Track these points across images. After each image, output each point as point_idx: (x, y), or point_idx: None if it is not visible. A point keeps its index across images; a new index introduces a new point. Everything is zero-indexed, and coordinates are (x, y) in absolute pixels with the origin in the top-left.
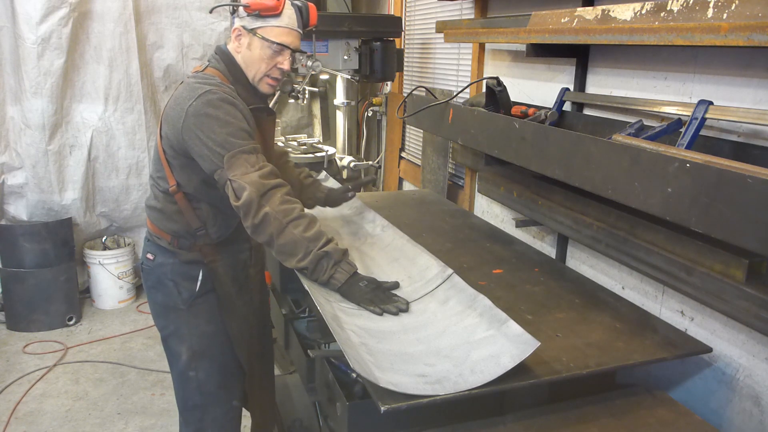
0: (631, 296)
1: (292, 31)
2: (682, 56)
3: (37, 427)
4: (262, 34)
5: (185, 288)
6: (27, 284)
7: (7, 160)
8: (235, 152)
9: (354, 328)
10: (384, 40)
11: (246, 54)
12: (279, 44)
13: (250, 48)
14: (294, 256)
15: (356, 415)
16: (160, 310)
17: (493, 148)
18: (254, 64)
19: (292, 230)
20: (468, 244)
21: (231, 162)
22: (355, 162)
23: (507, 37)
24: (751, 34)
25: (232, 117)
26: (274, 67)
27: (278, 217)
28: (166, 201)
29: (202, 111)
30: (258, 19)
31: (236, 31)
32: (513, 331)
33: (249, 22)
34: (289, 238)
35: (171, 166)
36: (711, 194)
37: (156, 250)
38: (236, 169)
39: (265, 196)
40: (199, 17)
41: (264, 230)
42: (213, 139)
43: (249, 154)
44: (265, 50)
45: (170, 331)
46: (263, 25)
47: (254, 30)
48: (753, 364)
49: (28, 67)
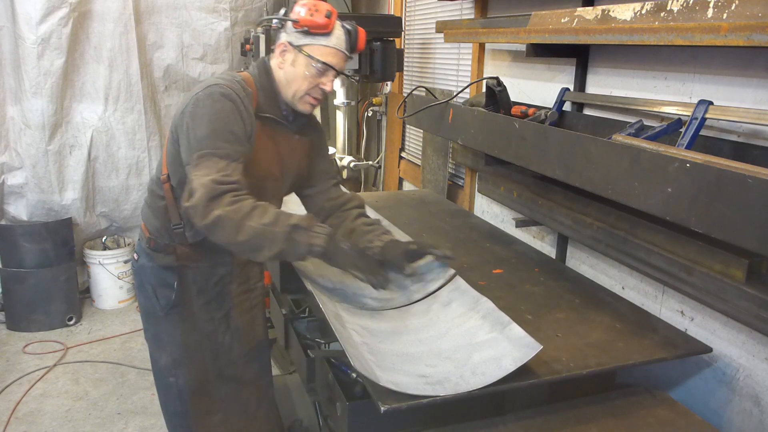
0: (631, 296)
1: (339, 53)
2: (682, 56)
3: (37, 427)
4: (308, 51)
5: (162, 295)
6: (27, 284)
7: (7, 160)
8: (206, 153)
9: (356, 327)
10: (384, 40)
11: (289, 70)
12: (325, 64)
13: (294, 65)
14: (263, 247)
15: (356, 415)
16: (143, 312)
17: (493, 148)
18: (296, 82)
19: (249, 224)
20: (468, 244)
21: (198, 162)
22: (355, 162)
23: (507, 37)
24: (751, 34)
25: (225, 115)
26: (316, 87)
27: (231, 217)
28: (155, 194)
29: (201, 102)
30: (306, 36)
31: (281, 46)
32: (515, 334)
33: (296, 38)
34: (250, 232)
35: (168, 154)
36: (711, 194)
37: (140, 251)
38: (200, 170)
39: (214, 200)
40: (199, 17)
41: (219, 232)
42: (195, 133)
43: (220, 159)
44: (309, 68)
45: (150, 335)
46: (311, 43)
47: (300, 47)
48: (753, 364)
49: (28, 67)
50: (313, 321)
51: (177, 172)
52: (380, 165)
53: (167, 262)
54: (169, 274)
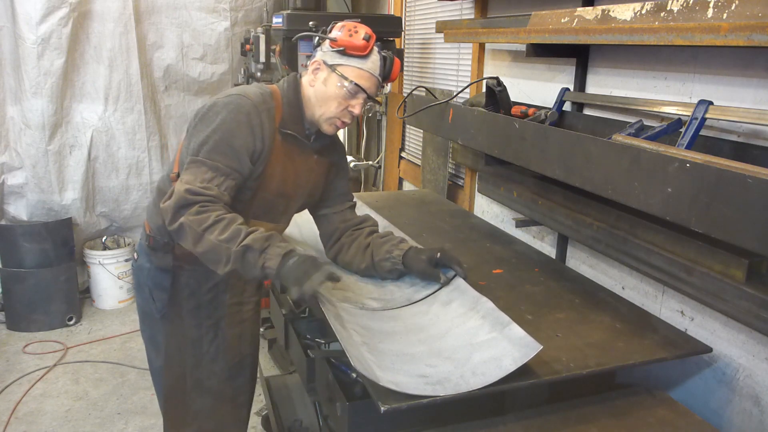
0: (631, 296)
1: (372, 77)
2: (682, 56)
3: (37, 427)
4: (341, 72)
5: (158, 297)
6: (27, 284)
7: (7, 160)
8: (198, 159)
9: (356, 327)
10: (384, 40)
11: (320, 89)
12: (357, 86)
13: (326, 84)
14: (219, 262)
15: (356, 415)
16: (140, 313)
17: (493, 148)
18: (326, 102)
19: (208, 237)
20: (468, 244)
21: (189, 166)
22: (355, 162)
23: (507, 37)
24: (751, 34)
25: (232, 128)
26: (345, 110)
27: (193, 227)
28: (163, 191)
29: (214, 108)
30: (342, 56)
31: (315, 63)
32: (515, 334)
33: (331, 57)
34: (207, 245)
35: (182, 153)
36: (711, 194)
37: (140, 250)
38: (186, 174)
39: (183, 207)
40: (199, 17)
41: (182, 239)
42: (197, 137)
43: (208, 169)
44: (341, 89)
45: (146, 336)
46: (345, 64)
47: (334, 66)
48: (753, 364)
49: (28, 67)
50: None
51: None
52: (380, 165)
53: (165, 263)
54: (165, 276)
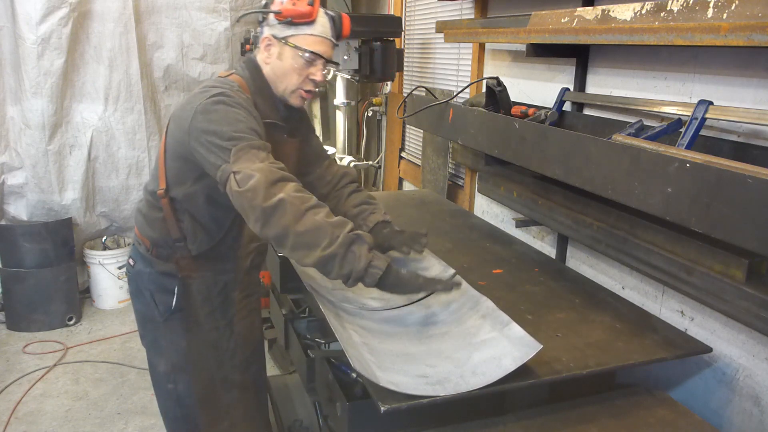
0: (631, 296)
1: (326, 40)
2: (682, 56)
3: (37, 427)
4: (294, 42)
5: (161, 300)
6: (27, 284)
7: (7, 160)
8: (244, 145)
9: (356, 327)
10: (384, 40)
11: (276, 65)
12: (312, 53)
13: (281, 58)
14: (317, 245)
15: (356, 415)
16: (140, 318)
17: (493, 148)
18: (286, 76)
19: (312, 216)
20: (468, 244)
21: (238, 155)
22: (355, 162)
23: (507, 37)
24: (751, 34)
25: (243, 117)
26: (306, 79)
27: (295, 203)
28: (151, 206)
29: (212, 108)
30: (290, 27)
31: (266, 40)
32: (515, 333)
33: (280, 30)
34: (309, 224)
35: (166, 168)
36: (711, 194)
37: (137, 256)
38: (243, 162)
39: (277, 184)
40: (199, 17)
41: (278, 218)
42: (219, 135)
43: (258, 150)
44: (296, 60)
45: (148, 341)
46: (295, 34)
47: (285, 38)
48: (753, 364)
49: (28, 67)
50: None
51: (182, 187)
52: (380, 165)
53: (167, 268)
54: (168, 279)
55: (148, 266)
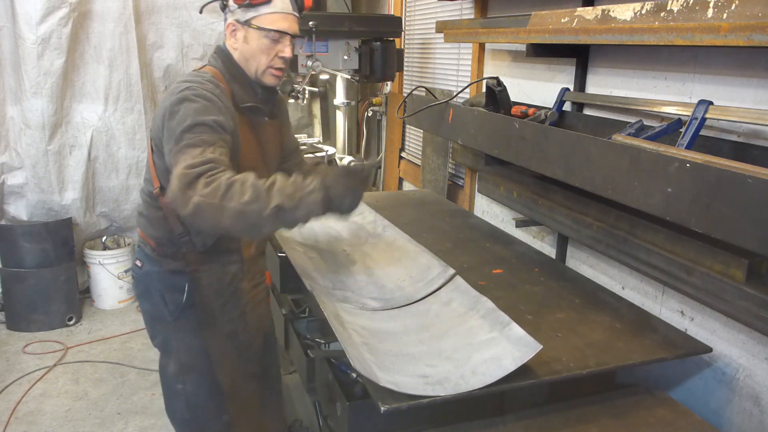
0: (631, 296)
1: (288, 15)
2: (682, 56)
3: (37, 427)
4: (256, 24)
5: (172, 299)
6: (27, 284)
7: (7, 160)
8: (181, 146)
9: (356, 327)
10: (384, 40)
11: (244, 48)
12: (276, 31)
13: (247, 41)
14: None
15: (356, 415)
16: (148, 319)
17: (493, 148)
18: (254, 58)
19: (229, 205)
20: (468, 244)
21: (177, 158)
22: (355, 162)
23: (507, 37)
24: (751, 34)
25: (200, 111)
26: (275, 57)
27: (209, 201)
28: (150, 206)
29: (174, 108)
30: (250, 10)
31: (230, 26)
32: (515, 333)
33: (241, 14)
34: (233, 215)
35: (156, 168)
36: (711, 194)
37: (144, 258)
38: (179, 164)
39: (191, 186)
40: (199, 17)
41: (202, 220)
42: (173, 134)
43: (193, 147)
44: (262, 40)
45: (158, 341)
46: (256, 15)
47: (248, 21)
48: (753, 364)
49: (28, 67)
50: (313, 321)
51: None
52: (380, 165)
53: (176, 266)
54: (178, 277)
55: (156, 266)
